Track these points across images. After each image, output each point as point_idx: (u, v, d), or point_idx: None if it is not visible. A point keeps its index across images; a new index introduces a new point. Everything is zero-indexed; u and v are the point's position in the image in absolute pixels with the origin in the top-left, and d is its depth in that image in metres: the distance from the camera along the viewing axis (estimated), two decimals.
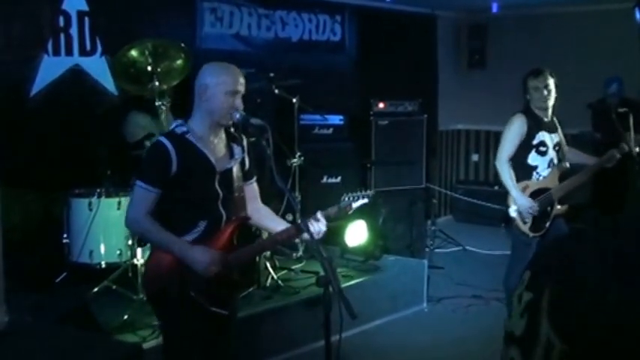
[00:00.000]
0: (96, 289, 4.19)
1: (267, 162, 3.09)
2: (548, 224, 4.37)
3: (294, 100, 5.29)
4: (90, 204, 4.24)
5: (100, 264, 4.28)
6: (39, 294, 4.24)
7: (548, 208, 4.35)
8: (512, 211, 4.34)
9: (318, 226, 2.76)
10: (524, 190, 4.32)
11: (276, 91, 5.19)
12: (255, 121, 3.42)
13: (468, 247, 7.06)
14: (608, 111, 5.90)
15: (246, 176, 2.97)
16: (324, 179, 5.86)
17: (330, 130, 6.06)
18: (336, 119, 6.08)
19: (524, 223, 4.32)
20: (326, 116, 5.90)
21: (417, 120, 6.51)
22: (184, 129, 2.78)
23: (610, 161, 4.39)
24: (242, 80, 2.83)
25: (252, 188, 3.03)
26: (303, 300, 4.54)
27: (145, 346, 3.63)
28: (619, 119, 4.57)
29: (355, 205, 2.86)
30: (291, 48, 6.42)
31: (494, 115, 7.96)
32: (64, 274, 4.38)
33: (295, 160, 5.25)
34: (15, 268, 3.93)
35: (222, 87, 2.76)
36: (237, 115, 2.77)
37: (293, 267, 5.11)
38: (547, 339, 0.81)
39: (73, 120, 4.83)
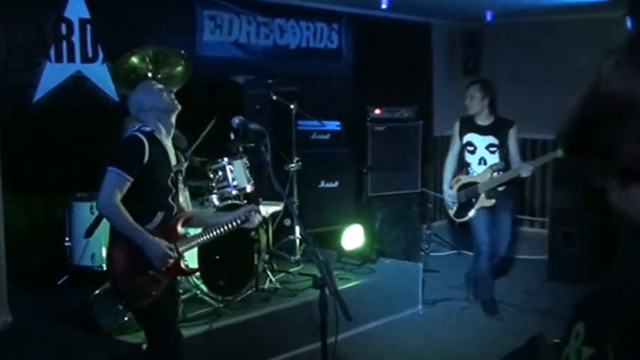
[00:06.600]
0: (97, 292, 4.19)
1: (266, 167, 3.16)
2: (471, 213, 5.11)
3: (292, 107, 5.32)
4: (91, 208, 4.21)
5: (101, 266, 4.24)
6: (41, 296, 4.24)
7: (473, 200, 5.11)
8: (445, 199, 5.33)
9: (256, 217, 3.11)
10: (456, 182, 5.20)
11: (275, 97, 5.22)
12: (253, 126, 3.43)
13: (462, 251, 7.01)
14: None
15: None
16: (322, 184, 5.84)
17: (328, 136, 6.04)
18: (334, 125, 6.06)
19: (451, 209, 5.25)
20: (323, 122, 5.88)
21: (413, 126, 6.46)
22: (149, 129, 3.03)
23: (524, 172, 4.94)
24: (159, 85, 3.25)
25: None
26: (300, 302, 4.55)
27: (146, 347, 3.57)
28: None
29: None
30: (290, 55, 6.37)
31: None
32: (66, 276, 4.37)
33: (293, 165, 5.28)
34: (18, 271, 3.97)
35: (151, 89, 3.11)
36: (237, 121, 2.83)
37: (291, 270, 5.13)
38: None
39: (75, 125, 4.80)
